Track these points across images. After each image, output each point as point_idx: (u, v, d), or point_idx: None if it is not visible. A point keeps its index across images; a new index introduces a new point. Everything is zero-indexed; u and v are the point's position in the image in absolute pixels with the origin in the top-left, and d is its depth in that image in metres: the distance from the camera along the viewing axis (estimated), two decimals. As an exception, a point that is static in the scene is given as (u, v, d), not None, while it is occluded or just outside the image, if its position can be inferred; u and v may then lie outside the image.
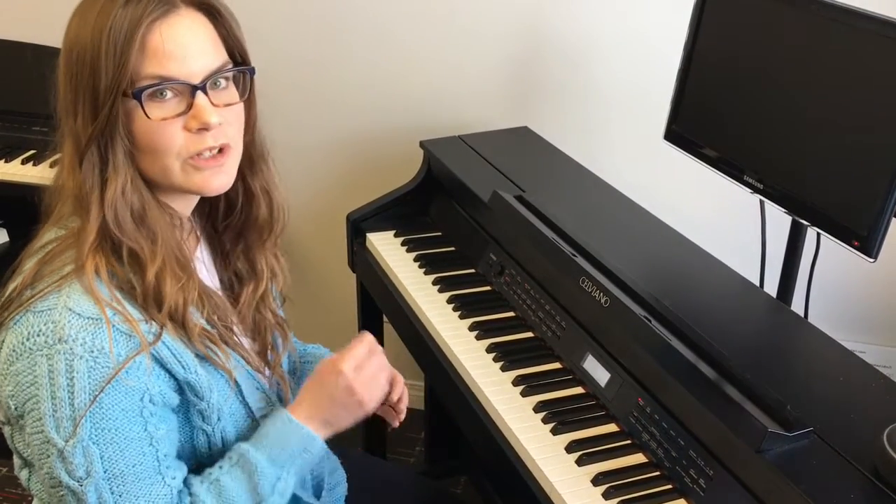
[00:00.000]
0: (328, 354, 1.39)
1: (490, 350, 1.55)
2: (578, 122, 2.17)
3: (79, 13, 1.04)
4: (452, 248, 1.89)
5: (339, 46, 2.25)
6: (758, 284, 1.67)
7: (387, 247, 1.90)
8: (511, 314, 1.65)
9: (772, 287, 1.68)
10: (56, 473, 1.01)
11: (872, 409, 1.24)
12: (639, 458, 1.31)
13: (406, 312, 1.72)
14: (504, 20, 2.12)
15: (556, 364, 1.51)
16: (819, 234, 1.50)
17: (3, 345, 1.03)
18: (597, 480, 1.26)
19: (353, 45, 2.24)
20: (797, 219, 1.51)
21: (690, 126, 1.70)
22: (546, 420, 1.38)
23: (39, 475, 1.04)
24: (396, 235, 1.94)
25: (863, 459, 1.13)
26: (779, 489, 1.11)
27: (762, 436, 1.14)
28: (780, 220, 1.59)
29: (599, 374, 1.42)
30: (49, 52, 2.32)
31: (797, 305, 1.66)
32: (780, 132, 1.51)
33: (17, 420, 1.03)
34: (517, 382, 1.46)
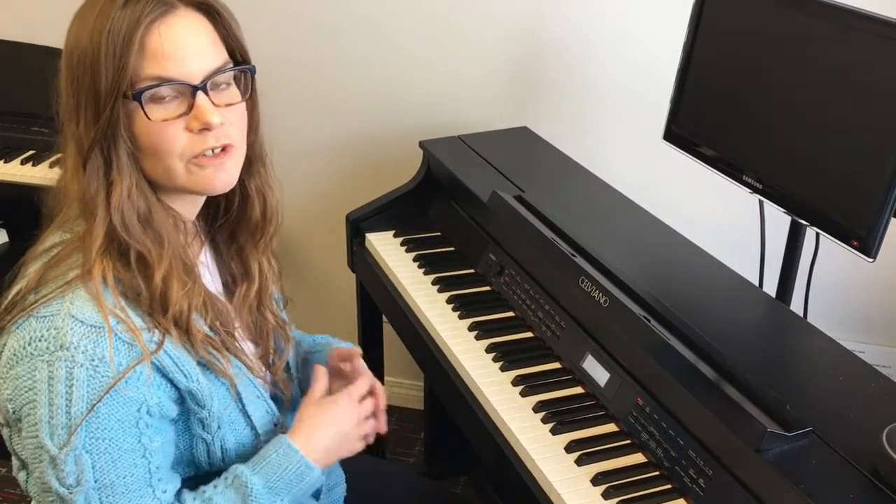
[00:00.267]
0: (338, 344, 1.41)
1: (489, 350, 1.55)
2: (578, 123, 2.17)
3: (79, 16, 1.04)
4: (452, 249, 1.89)
5: (339, 47, 2.25)
6: (757, 284, 1.67)
7: (386, 247, 1.90)
8: (510, 314, 1.65)
9: (771, 287, 1.68)
10: (47, 479, 1.00)
11: (871, 409, 1.24)
12: (638, 458, 1.31)
13: (406, 312, 1.72)
14: (503, 21, 2.12)
15: (556, 364, 1.52)
16: (818, 234, 1.50)
17: (5, 348, 1.02)
18: (596, 480, 1.26)
19: (353, 47, 2.24)
20: (796, 218, 1.51)
21: (689, 126, 1.70)
22: (545, 420, 1.38)
23: (33, 478, 1.04)
24: (396, 235, 1.94)
25: (862, 459, 1.13)
26: (778, 489, 1.11)
27: (761, 435, 1.14)
28: (780, 220, 1.59)
29: (599, 374, 1.42)
30: (49, 53, 2.32)
31: (796, 305, 1.66)
32: (780, 132, 1.51)
33: (15, 423, 1.03)
34: (517, 382, 1.47)
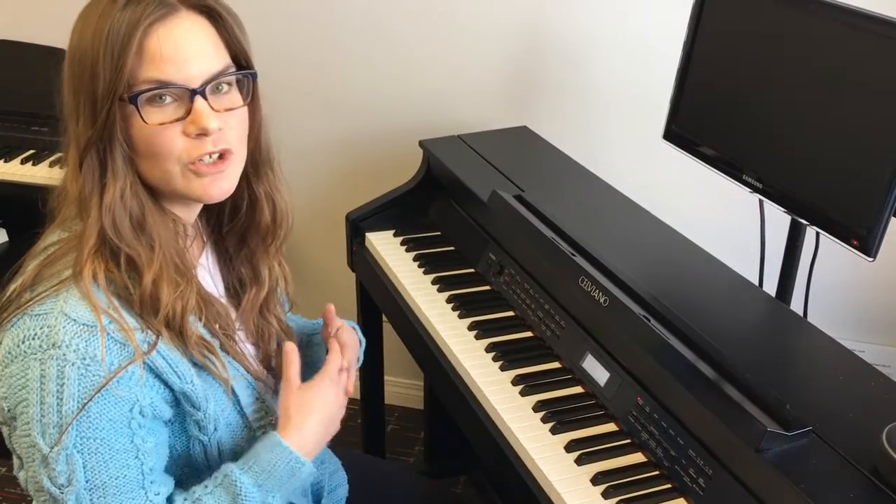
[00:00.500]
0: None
1: (489, 349, 1.55)
2: (578, 122, 2.17)
3: (82, 16, 1.03)
4: (452, 248, 1.89)
5: (339, 46, 2.25)
6: (757, 283, 1.67)
7: (386, 246, 1.90)
8: (510, 314, 1.65)
9: (771, 286, 1.67)
10: (39, 478, 1.00)
11: (871, 409, 1.24)
12: (638, 458, 1.31)
13: (405, 312, 1.72)
14: (504, 20, 2.12)
15: (556, 363, 1.52)
16: (818, 234, 1.50)
17: (0, 346, 1.02)
18: (596, 480, 1.26)
19: (353, 46, 2.24)
20: (796, 218, 1.51)
21: (689, 125, 1.70)
22: (545, 419, 1.38)
23: (26, 477, 1.04)
24: (396, 235, 1.94)
25: (862, 458, 1.13)
26: (778, 488, 1.11)
27: (761, 435, 1.14)
28: (780, 220, 1.59)
29: (598, 374, 1.42)
30: (49, 52, 2.32)
31: (796, 305, 1.66)
32: (780, 131, 1.51)
33: (11, 421, 1.03)
34: (516, 382, 1.47)
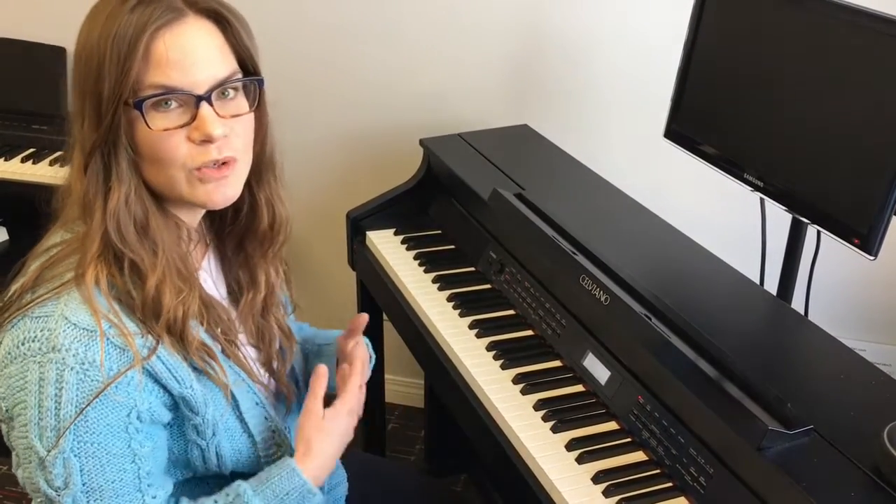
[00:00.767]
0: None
1: (490, 348, 1.55)
2: (578, 121, 2.17)
3: (90, 16, 1.03)
4: (452, 247, 1.89)
5: (339, 45, 2.25)
6: (758, 282, 1.67)
7: (387, 245, 1.90)
8: (511, 312, 1.65)
9: (772, 285, 1.67)
10: (35, 480, 1.00)
11: (872, 407, 1.24)
12: (639, 456, 1.31)
13: (406, 311, 1.72)
14: (504, 18, 2.12)
15: (556, 362, 1.51)
16: (819, 232, 1.50)
17: (0, 346, 1.02)
18: (597, 478, 1.26)
19: (353, 44, 2.23)
20: (797, 216, 1.51)
21: (690, 124, 1.70)
22: (546, 418, 1.38)
23: (23, 478, 1.04)
24: (396, 234, 1.94)
25: (863, 457, 1.13)
26: (779, 487, 1.11)
27: (762, 434, 1.14)
28: (781, 218, 1.59)
29: (599, 372, 1.42)
30: (50, 51, 2.32)
31: (797, 303, 1.65)
32: (781, 130, 1.51)
33: (8, 421, 1.03)
34: (517, 380, 1.46)
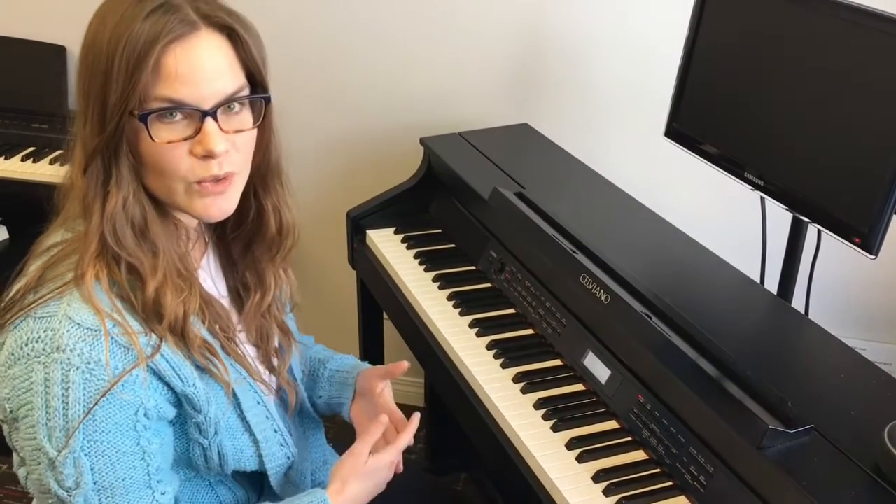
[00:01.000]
0: (364, 366, 1.41)
1: (490, 347, 1.55)
2: (579, 120, 2.17)
3: (101, 14, 1.02)
4: (453, 246, 1.88)
5: (340, 44, 2.24)
6: (758, 281, 1.67)
7: (387, 244, 1.90)
8: (511, 311, 1.65)
9: (772, 284, 1.67)
10: (45, 481, 1.00)
11: (873, 406, 1.24)
12: (639, 455, 1.31)
13: (406, 310, 1.72)
14: (504, 18, 2.12)
15: (557, 361, 1.51)
16: (820, 231, 1.49)
17: (3, 347, 1.02)
18: (597, 477, 1.26)
19: (354, 43, 2.23)
20: (798, 216, 1.51)
21: (691, 123, 1.70)
22: (546, 417, 1.38)
23: (31, 479, 1.04)
24: (397, 232, 1.94)
25: (863, 456, 1.13)
26: (780, 486, 1.11)
27: (763, 433, 1.14)
28: (781, 217, 1.59)
29: (600, 371, 1.42)
30: (50, 50, 2.32)
31: (798, 302, 1.65)
32: (781, 129, 1.51)
33: (13, 422, 1.03)
34: (517, 379, 1.46)
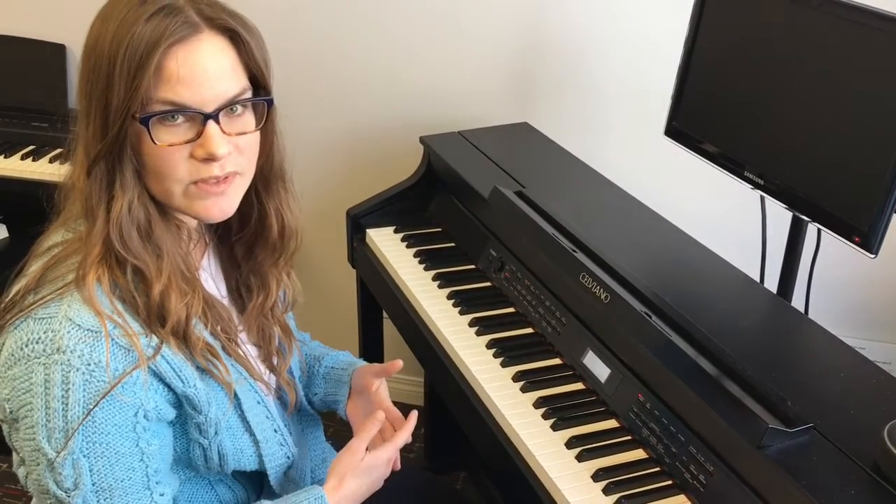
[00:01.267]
0: (360, 363, 1.40)
1: (490, 346, 1.55)
2: (579, 118, 2.17)
3: (102, 17, 1.01)
4: (452, 244, 1.88)
5: (339, 43, 2.24)
6: (758, 280, 1.67)
7: (387, 243, 1.90)
8: (511, 310, 1.65)
9: (772, 283, 1.67)
10: (44, 482, 1.00)
11: (872, 405, 1.24)
12: (639, 454, 1.31)
13: (406, 308, 1.72)
14: (504, 16, 2.12)
15: (557, 360, 1.51)
16: (819, 230, 1.49)
17: (3, 348, 1.02)
18: (597, 476, 1.26)
19: (354, 42, 2.23)
20: (798, 215, 1.51)
21: (691, 122, 1.70)
22: (546, 416, 1.38)
23: (30, 479, 1.04)
24: (396, 231, 1.94)
25: (863, 455, 1.13)
26: (779, 485, 1.11)
27: (763, 432, 1.14)
28: (781, 216, 1.58)
29: (599, 370, 1.42)
30: (50, 48, 2.32)
31: (798, 301, 1.65)
32: (781, 128, 1.51)
33: (13, 423, 1.03)
34: (517, 378, 1.46)
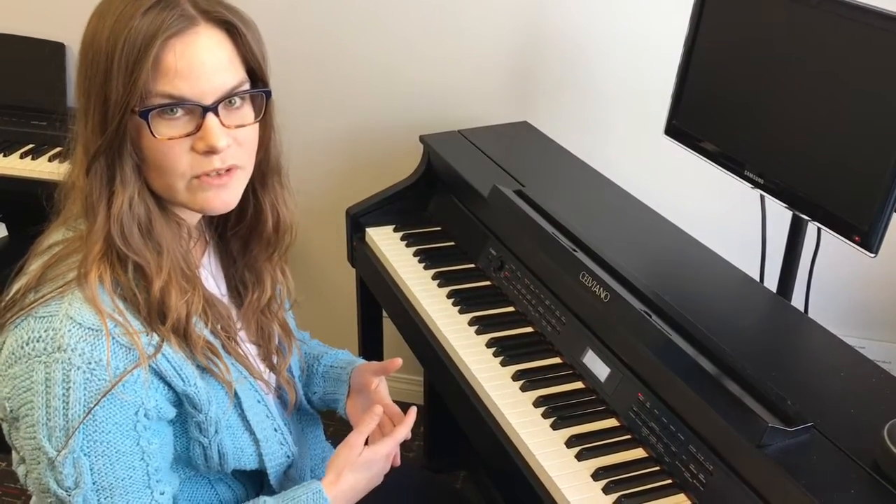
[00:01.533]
0: (359, 361, 1.41)
1: (490, 345, 1.54)
2: (578, 117, 2.17)
3: (98, 13, 1.01)
4: (452, 243, 1.88)
5: (338, 41, 2.24)
6: (758, 279, 1.67)
7: (386, 242, 1.90)
8: (511, 309, 1.65)
9: (772, 282, 1.67)
10: (45, 481, 1.00)
11: (872, 405, 1.24)
12: (639, 453, 1.31)
13: (406, 307, 1.72)
14: (504, 15, 2.12)
15: (556, 359, 1.51)
16: (819, 229, 1.49)
17: (4, 346, 1.02)
18: (597, 475, 1.26)
19: (354, 41, 2.23)
20: (798, 214, 1.51)
21: (691, 120, 1.70)
22: (546, 415, 1.38)
23: (30, 478, 1.04)
24: (396, 230, 1.94)
25: (863, 454, 1.13)
26: (779, 484, 1.11)
27: (763, 431, 1.14)
28: (781, 215, 1.58)
29: (599, 369, 1.42)
30: (48, 47, 2.31)
31: (797, 301, 1.65)
32: (782, 127, 1.51)
33: (13, 421, 1.03)
34: (517, 377, 1.46)
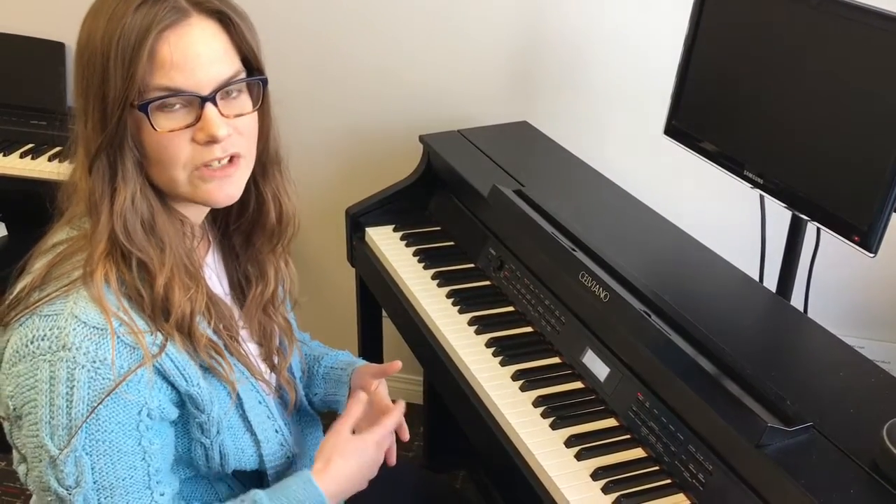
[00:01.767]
0: (360, 363, 1.40)
1: (489, 345, 1.55)
2: (578, 117, 2.17)
3: (93, 13, 1.02)
4: (452, 243, 1.88)
5: (339, 41, 2.24)
6: (757, 279, 1.67)
7: (386, 241, 1.90)
8: (510, 309, 1.65)
9: (771, 282, 1.67)
10: (45, 479, 1.00)
11: (871, 404, 1.24)
12: (638, 453, 1.31)
13: (405, 307, 1.72)
14: (504, 15, 2.12)
15: (556, 359, 1.51)
16: (819, 229, 1.49)
17: (8, 345, 1.02)
18: (596, 475, 1.26)
19: (353, 40, 2.23)
20: (797, 214, 1.51)
21: (691, 120, 1.70)
22: (545, 415, 1.38)
23: (31, 476, 1.04)
24: (396, 230, 1.94)
25: (862, 454, 1.14)
26: (778, 484, 1.11)
27: (762, 431, 1.14)
28: (780, 215, 1.58)
29: (599, 369, 1.42)
30: (48, 46, 2.31)
31: (797, 300, 1.65)
32: (781, 127, 1.51)
33: (16, 420, 1.02)
34: (516, 377, 1.46)
